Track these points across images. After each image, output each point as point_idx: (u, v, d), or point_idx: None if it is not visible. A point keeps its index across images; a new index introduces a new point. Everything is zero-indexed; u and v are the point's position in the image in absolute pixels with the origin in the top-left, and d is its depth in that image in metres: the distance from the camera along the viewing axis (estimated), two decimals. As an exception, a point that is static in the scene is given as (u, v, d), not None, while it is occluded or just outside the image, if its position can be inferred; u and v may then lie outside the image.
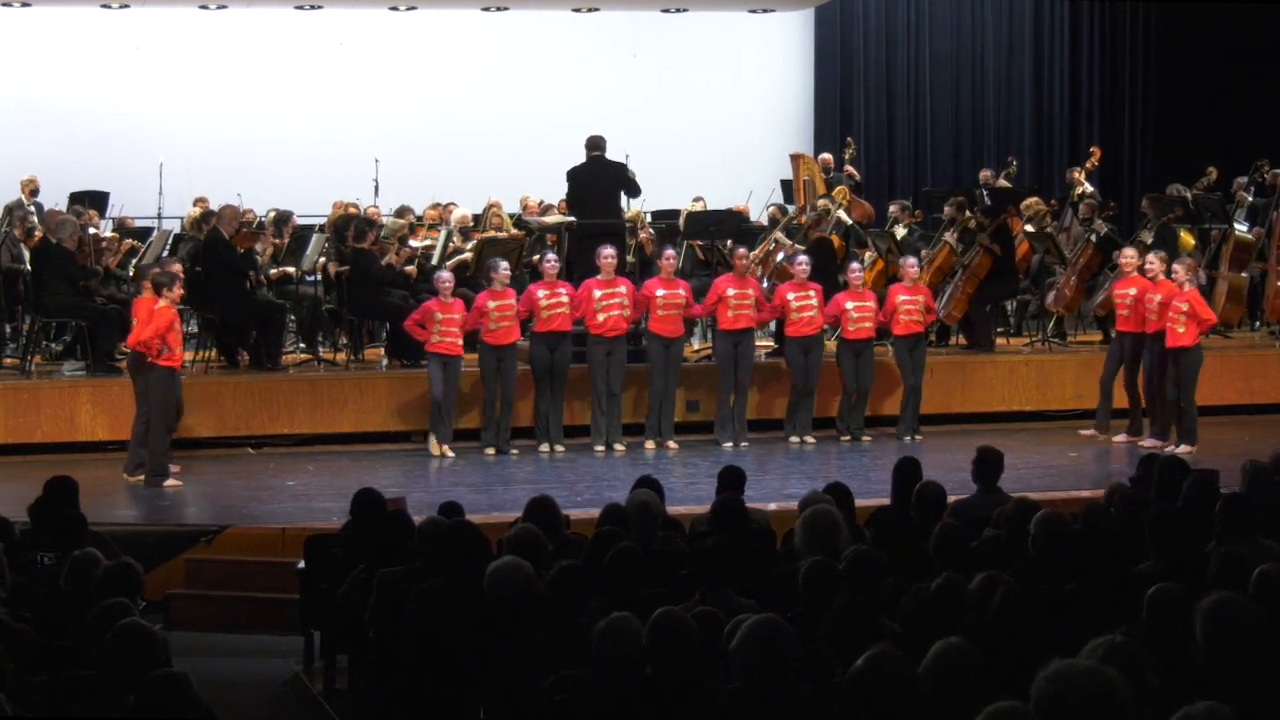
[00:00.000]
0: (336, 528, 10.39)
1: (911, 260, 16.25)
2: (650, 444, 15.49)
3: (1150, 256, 15.38)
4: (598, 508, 9.88)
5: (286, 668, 10.54)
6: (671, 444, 15.47)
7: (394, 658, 7.54)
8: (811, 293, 15.62)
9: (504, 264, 15.48)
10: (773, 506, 11.75)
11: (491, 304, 15.11)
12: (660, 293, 15.41)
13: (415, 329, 15.23)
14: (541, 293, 15.20)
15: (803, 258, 15.90)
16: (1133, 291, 15.29)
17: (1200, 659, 5.66)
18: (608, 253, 15.33)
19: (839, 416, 15.95)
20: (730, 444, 15.50)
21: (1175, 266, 15.04)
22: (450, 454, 15.04)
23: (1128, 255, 15.72)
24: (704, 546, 7.66)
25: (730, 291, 15.47)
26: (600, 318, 15.20)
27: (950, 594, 6.54)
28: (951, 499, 9.61)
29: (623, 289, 15.33)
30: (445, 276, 15.31)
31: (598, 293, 15.23)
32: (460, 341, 15.20)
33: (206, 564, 12.01)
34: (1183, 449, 14.48)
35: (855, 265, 16.32)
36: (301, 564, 10.45)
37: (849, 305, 15.75)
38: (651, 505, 8.94)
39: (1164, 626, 6.05)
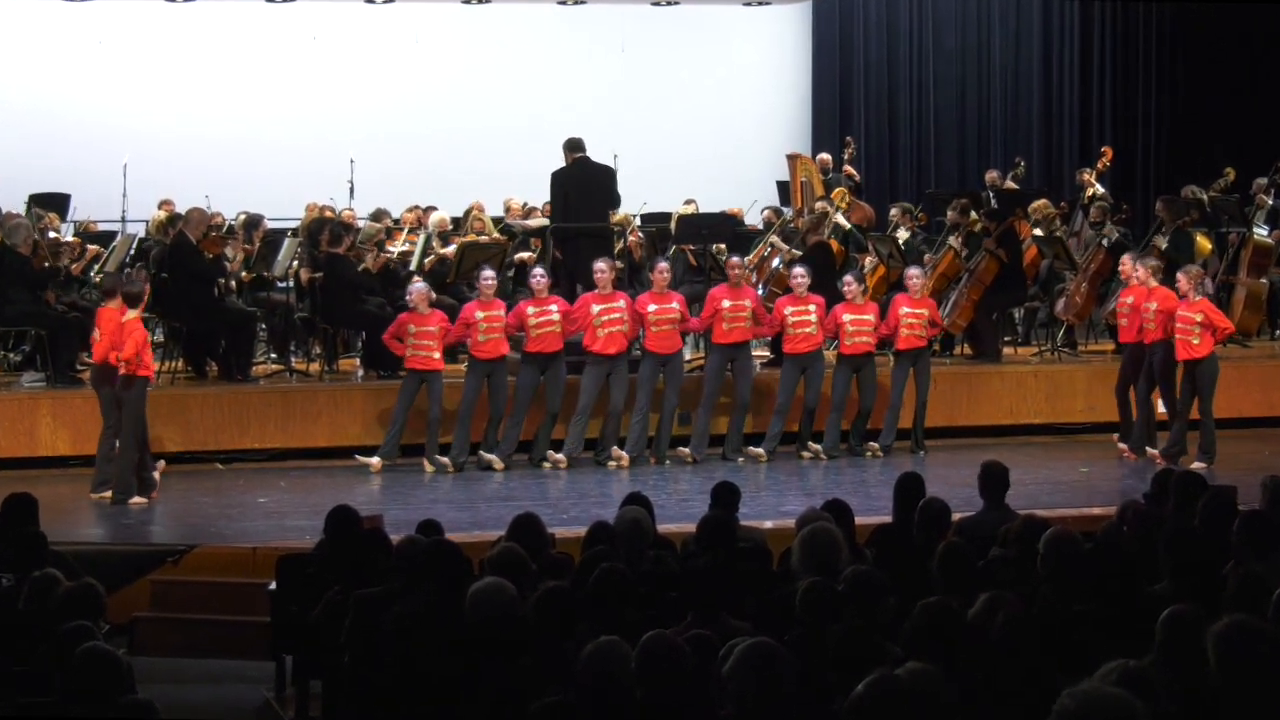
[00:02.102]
0: (310, 547, 10.37)
1: (915, 271, 16.16)
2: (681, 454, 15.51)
3: (1137, 264, 15.43)
4: (584, 526, 9.88)
5: (257, 694, 10.51)
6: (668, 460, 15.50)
7: (370, 683, 7.54)
8: (811, 306, 15.53)
9: (489, 272, 15.47)
10: (769, 524, 11.75)
11: (479, 314, 15.09)
12: (652, 308, 15.30)
13: (393, 343, 15.27)
14: (531, 310, 15.17)
15: (800, 269, 15.78)
16: (1130, 300, 15.40)
17: (1215, 684, 5.68)
18: (600, 267, 15.31)
19: (825, 432, 15.79)
20: (742, 459, 15.51)
21: (1179, 275, 15.06)
22: (378, 470, 15.04)
23: (1125, 263, 15.86)
24: (696, 567, 7.66)
25: (725, 304, 15.42)
26: (601, 334, 15.18)
27: (942, 616, 6.55)
28: (956, 516, 9.62)
29: (621, 304, 15.27)
30: (419, 288, 15.26)
31: (596, 308, 15.18)
32: (438, 355, 15.19)
33: (173, 585, 11.98)
34: (1198, 464, 14.52)
35: (849, 277, 16.13)
36: (273, 585, 10.43)
37: (846, 318, 15.64)
38: (642, 523, 8.95)
39: (1179, 650, 6.06)
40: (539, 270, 15.56)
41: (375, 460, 15.04)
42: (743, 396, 15.61)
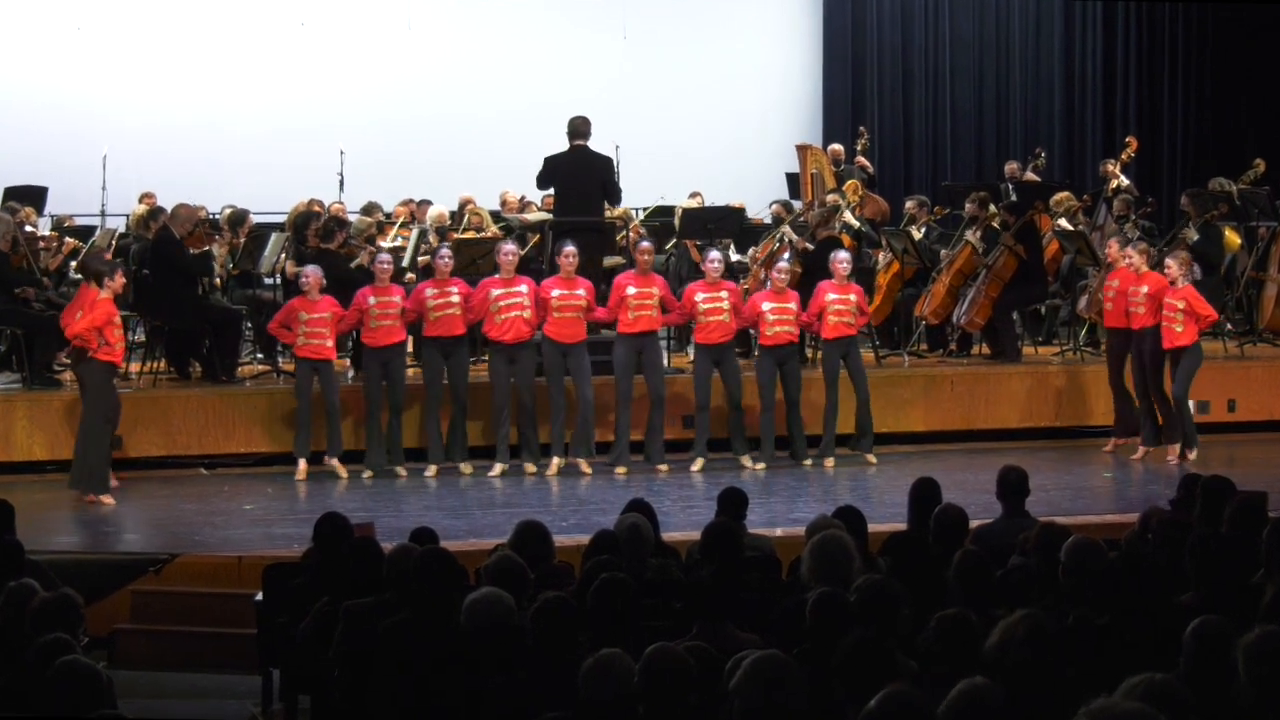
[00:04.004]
0: (298, 556, 10.38)
1: (842, 255, 15.73)
2: (555, 462, 15.16)
3: (1129, 249, 15.55)
4: (585, 533, 9.89)
5: (243, 709, 10.51)
6: (585, 465, 15.18)
7: (361, 698, 7.54)
8: (724, 293, 15.20)
9: (385, 256, 15.45)
10: (778, 532, 11.77)
11: (372, 299, 15.03)
12: (556, 293, 15.05)
13: (281, 331, 15.27)
14: (430, 291, 15.09)
15: (715, 254, 15.55)
16: (1116, 284, 15.56)
17: (1244, 699, 5.67)
18: (507, 249, 15.23)
19: (761, 437, 15.51)
20: (622, 468, 15.21)
21: (1167, 261, 15.18)
22: (304, 476, 14.99)
23: (1112, 246, 16.06)
24: (701, 576, 7.67)
25: (630, 290, 15.16)
26: (499, 320, 15.01)
27: (959, 628, 6.55)
28: (974, 524, 9.61)
29: (523, 288, 15.03)
30: (311, 271, 15.17)
31: (495, 292, 15.03)
32: (330, 344, 15.09)
33: (155, 596, 11.99)
34: (1189, 454, 14.99)
35: (781, 263, 15.75)
36: (259, 596, 10.43)
37: (765, 306, 15.30)
38: (641, 529, 8.95)
39: (1207, 663, 6.06)
40: (445, 251, 15.43)
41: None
42: (656, 392, 15.29)
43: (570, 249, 15.24)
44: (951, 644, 6.53)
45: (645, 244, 15.65)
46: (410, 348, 16.12)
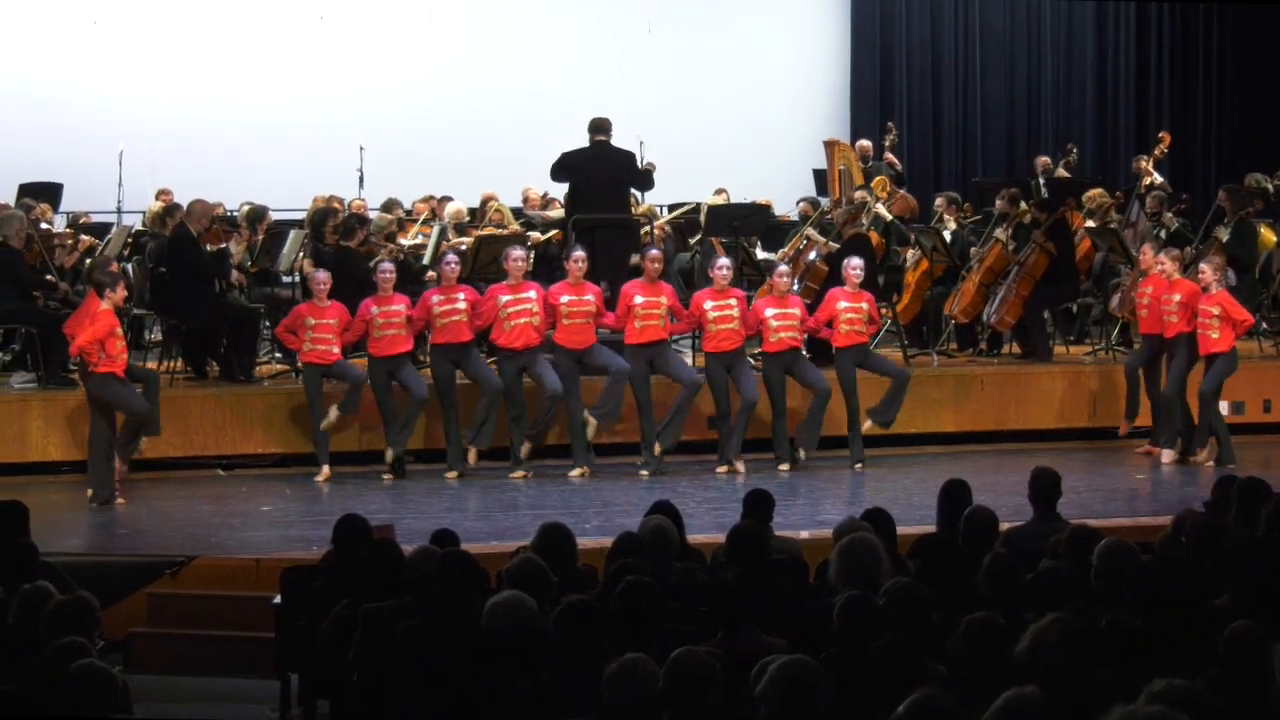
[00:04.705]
0: (317, 558, 10.40)
1: (856, 261, 15.61)
2: (576, 472, 15.17)
3: (1161, 255, 15.54)
4: (608, 536, 9.89)
5: (261, 714, 10.54)
6: (586, 470, 15.20)
7: (380, 703, 7.55)
8: (733, 300, 15.15)
9: (387, 265, 15.41)
10: (805, 534, 11.76)
11: (375, 310, 15.03)
12: (565, 299, 15.02)
13: (286, 336, 15.31)
14: (436, 298, 15.08)
15: (724, 260, 15.55)
16: (1150, 290, 15.59)
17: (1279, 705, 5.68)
18: (516, 255, 15.17)
19: (774, 441, 15.49)
20: (647, 471, 15.20)
21: (1202, 266, 15.18)
22: (325, 477, 15.02)
23: (1146, 253, 16.03)
24: (726, 579, 7.66)
25: (638, 299, 15.11)
26: (507, 327, 14.99)
27: (989, 631, 6.54)
28: (1005, 526, 9.61)
29: (532, 294, 15.00)
30: (321, 276, 15.19)
31: (504, 298, 15.00)
32: (336, 349, 15.06)
33: (172, 599, 12.00)
34: (1200, 453, 15.21)
35: (782, 267, 15.74)
36: (278, 599, 10.45)
37: (769, 313, 15.22)
38: (666, 532, 8.95)
39: (1242, 669, 6.05)
40: (452, 257, 15.42)
41: (324, 469, 15.07)
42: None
43: (579, 254, 15.22)
44: (979, 648, 6.52)
45: (654, 252, 15.67)
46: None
